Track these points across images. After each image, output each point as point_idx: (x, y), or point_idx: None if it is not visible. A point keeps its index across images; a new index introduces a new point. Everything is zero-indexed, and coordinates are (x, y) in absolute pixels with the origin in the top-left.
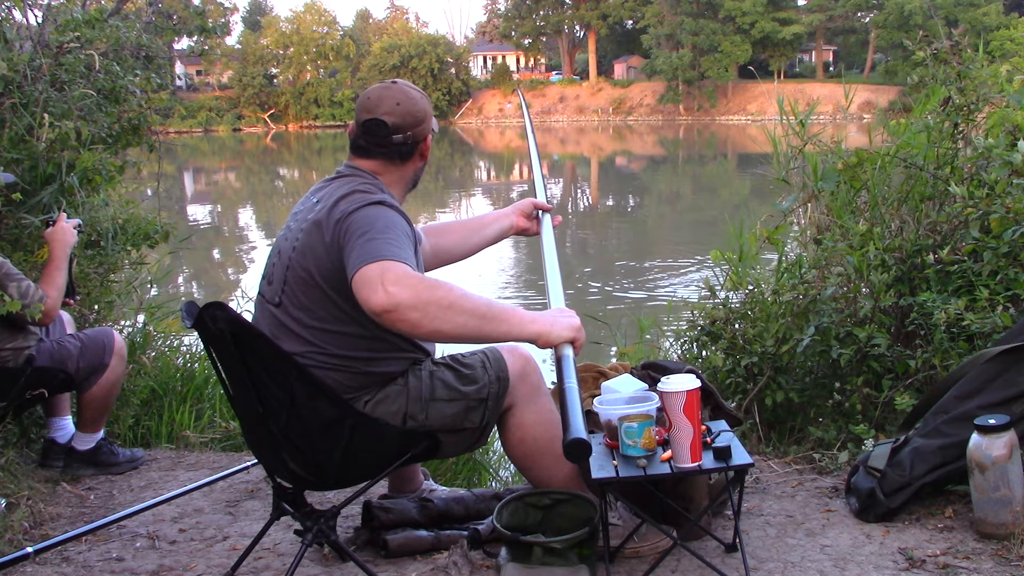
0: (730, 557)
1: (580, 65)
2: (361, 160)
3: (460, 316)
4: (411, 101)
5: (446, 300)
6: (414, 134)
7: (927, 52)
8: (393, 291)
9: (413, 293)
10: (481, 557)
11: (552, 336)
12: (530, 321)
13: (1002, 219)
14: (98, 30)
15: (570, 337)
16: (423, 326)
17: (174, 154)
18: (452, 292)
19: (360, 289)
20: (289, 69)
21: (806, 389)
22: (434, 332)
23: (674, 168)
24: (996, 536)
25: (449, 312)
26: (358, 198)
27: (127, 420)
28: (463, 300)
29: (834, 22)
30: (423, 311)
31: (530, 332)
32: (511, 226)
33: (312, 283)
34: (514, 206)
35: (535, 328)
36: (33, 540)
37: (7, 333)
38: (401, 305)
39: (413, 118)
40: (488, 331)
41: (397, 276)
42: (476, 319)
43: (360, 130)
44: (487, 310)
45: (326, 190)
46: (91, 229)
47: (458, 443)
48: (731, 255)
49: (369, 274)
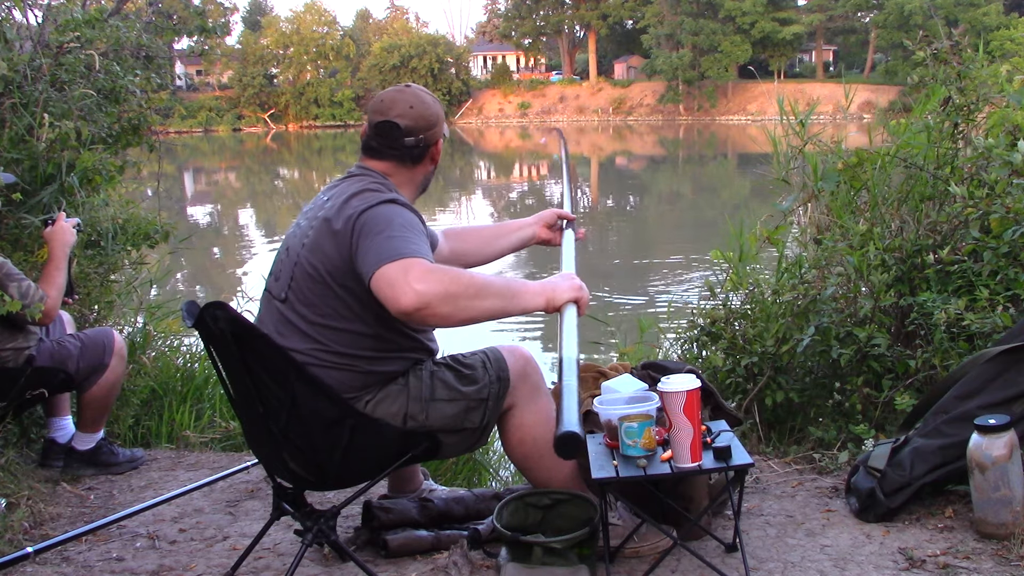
0: (730, 557)
1: (580, 65)
2: (372, 161)
3: (486, 301)
4: (424, 105)
5: (472, 288)
6: (426, 137)
7: (927, 52)
8: (421, 288)
9: (441, 287)
10: (481, 557)
11: (556, 298)
12: (539, 290)
13: (1002, 219)
14: (98, 30)
15: (572, 297)
16: (454, 317)
17: (174, 154)
18: (475, 279)
19: (384, 289)
20: (289, 69)
21: (806, 389)
22: (465, 320)
23: (674, 168)
24: (996, 536)
25: (476, 299)
26: (370, 196)
27: (127, 420)
28: (485, 285)
29: (834, 22)
30: (454, 303)
31: (541, 301)
32: (532, 236)
33: (319, 279)
34: (537, 216)
35: (544, 295)
36: (33, 540)
37: (7, 333)
38: (432, 301)
39: (425, 121)
40: (510, 308)
41: (422, 272)
42: (500, 300)
43: (372, 132)
44: (506, 288)
45: (337, 189)
46: (91, 229)
47: (458, 443)
48: (731, 255)
49: (392, 273)
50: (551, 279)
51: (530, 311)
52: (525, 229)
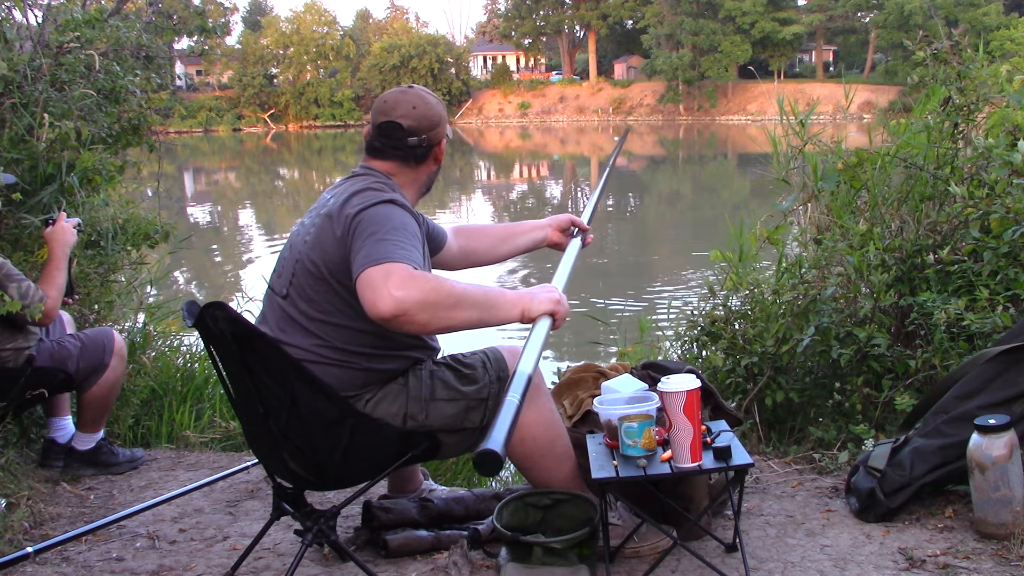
0: (730, 557)
1: (580, 65)
2: (376, 161)
3: (464, 311)
4: (427, 106)
5: (451, 298)
6: (429, 137)
7: (927, 52)
8: (400, 295)
9: (421, 295)
10: (481, 557)
11: (532, 309)
12: (515, 300)
13: (1002, 219)
14: (98, 30)
15: (548, 310)
16: (431, 325)
17: (174, 154)
18: (455, 288)
19: (365, 292)
20: (289, 69)
21: (806, 389)
22: (441, 329)
23: (674, 168)
24: (996, 536)
25: (455, 309)
26: (370, 195)
27: (127, 420)
28: (465, 295)
29: (834, 22)
30: (431, 312)
31: (516, 313)
32: (544, 239)
33: (319, 275)
34: (552, 219)
35: (520, 306)
36: (33, 540)
37: (7, 333)
38: (410, 309)
39: (428, 122)
40: (488, 319)
41: (403, 279)
42: (478, 310)
43: (376, 132)
44: (485, 299)
45: (340, 188)
46: (91, 229)
47: (458, 443)
48: (731, 255)
49: (373, 277)
50: (530, 290)
51: (505, 323)
52: (537, 231)
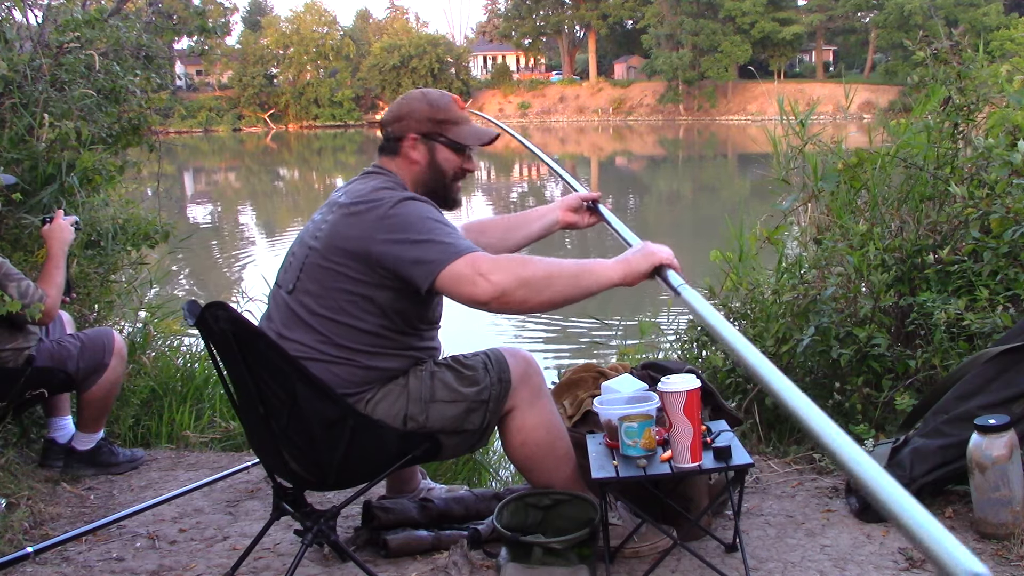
0: (730, 557)
1: (580, 65)
2: (380, 158)
3: (559, 281)
4: (404, 99)
5: (541, 271)
6: (392, 129)
7: (927, 52)
8: (494, 279)
9: (512, 275)
10: (481, 557)
11: (637, 267)
12: (612, 264)
13: (1002, 219)
14: (98, 30)
15: (656, 261)
16: (532, 300)
17: (174, 154)
18: (540, 262)
19: (455, 287)
20: (289, 69)
21: (806, 389)
22: (543, 304)
23: (674, 168)
24: (996, 536)
25: (549, 280)
26: (386, 195)
27: (127, 420)
28: (552, 266)
29: (834, 22)
30: (528, 287)
31: (617, 275)
32: (556, 221)
33: (326, 269)
34: (559, 200)
35: (619, 268)
36: (33, 540)
37: (7, 333)
38: (507, 289)
39: (393, 115)
40: (585, 286)
41: (488, 265)
42: (573, 279)
43: None
44: (577, 266)
45: (351, 186)
46: (91, 229)
47: (458, 445)
48: (731, 255)
49: (460, 271)
50: (625, 253)
51: (606, 287)
52: (548, 215)
